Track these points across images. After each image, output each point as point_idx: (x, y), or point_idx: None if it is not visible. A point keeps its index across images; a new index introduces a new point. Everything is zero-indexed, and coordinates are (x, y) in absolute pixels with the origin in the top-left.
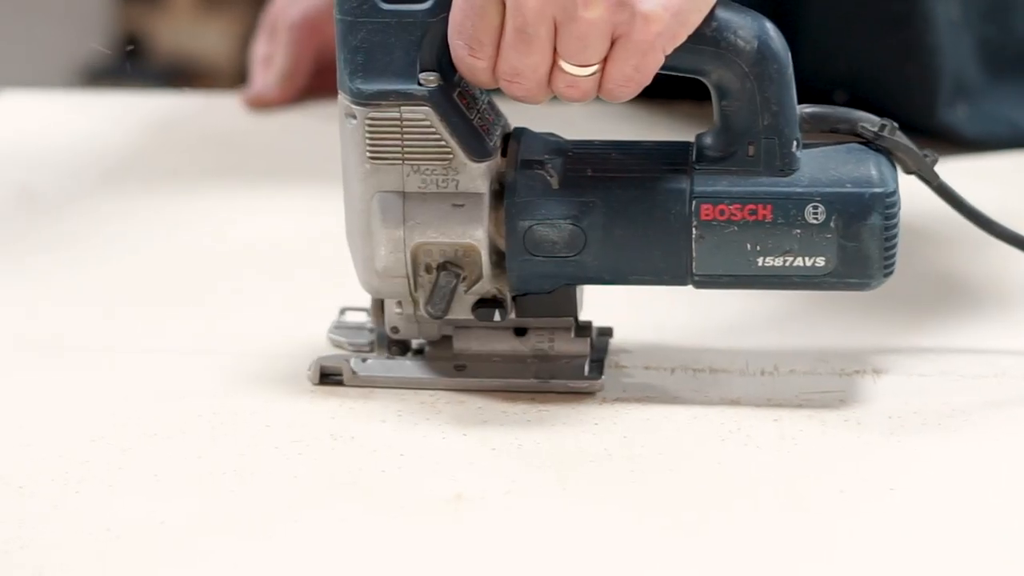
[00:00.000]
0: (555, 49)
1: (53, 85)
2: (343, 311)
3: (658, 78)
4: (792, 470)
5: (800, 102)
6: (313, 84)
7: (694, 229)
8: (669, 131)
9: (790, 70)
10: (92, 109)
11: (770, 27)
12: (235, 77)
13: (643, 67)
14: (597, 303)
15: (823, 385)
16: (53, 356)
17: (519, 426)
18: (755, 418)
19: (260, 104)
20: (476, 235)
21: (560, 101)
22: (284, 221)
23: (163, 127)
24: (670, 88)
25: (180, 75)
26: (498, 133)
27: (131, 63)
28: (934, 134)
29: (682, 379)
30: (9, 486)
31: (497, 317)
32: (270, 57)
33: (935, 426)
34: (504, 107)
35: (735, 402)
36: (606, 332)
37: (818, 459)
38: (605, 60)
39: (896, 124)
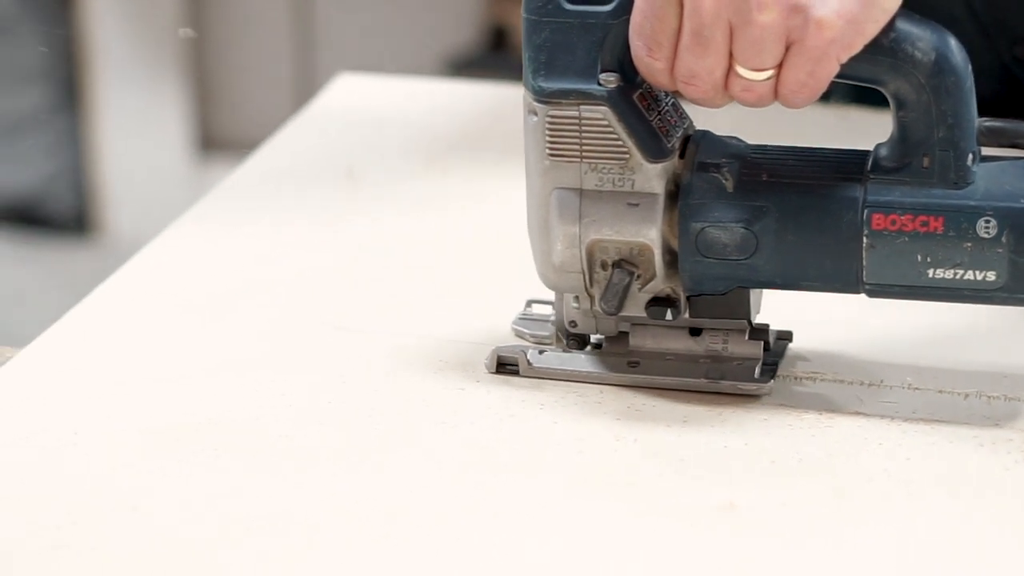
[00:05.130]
0: (731, 53)
1: (421, 73)
2: (529, 303)
3: None
4: None
5: None
6: None
7: (865, 238)
8: None
9: (969, 83)
10: (434, 96)
11: (951, 40)
12: None
13: (817, 74)
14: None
15: None
16: (361, 339)
17: (802, 439)
18: None
19: None
20: (650, 235)
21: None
22: None
23: (495, 116)
24: None
25: None
26: (678, 135)
27: (495, 55)
28: None
29: (976, 405)
30: (278, 471)
31: (669, 316)
32: None
33: None
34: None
35: None
36: (785, 336)
37: None
38: (780, 66)
39: None
